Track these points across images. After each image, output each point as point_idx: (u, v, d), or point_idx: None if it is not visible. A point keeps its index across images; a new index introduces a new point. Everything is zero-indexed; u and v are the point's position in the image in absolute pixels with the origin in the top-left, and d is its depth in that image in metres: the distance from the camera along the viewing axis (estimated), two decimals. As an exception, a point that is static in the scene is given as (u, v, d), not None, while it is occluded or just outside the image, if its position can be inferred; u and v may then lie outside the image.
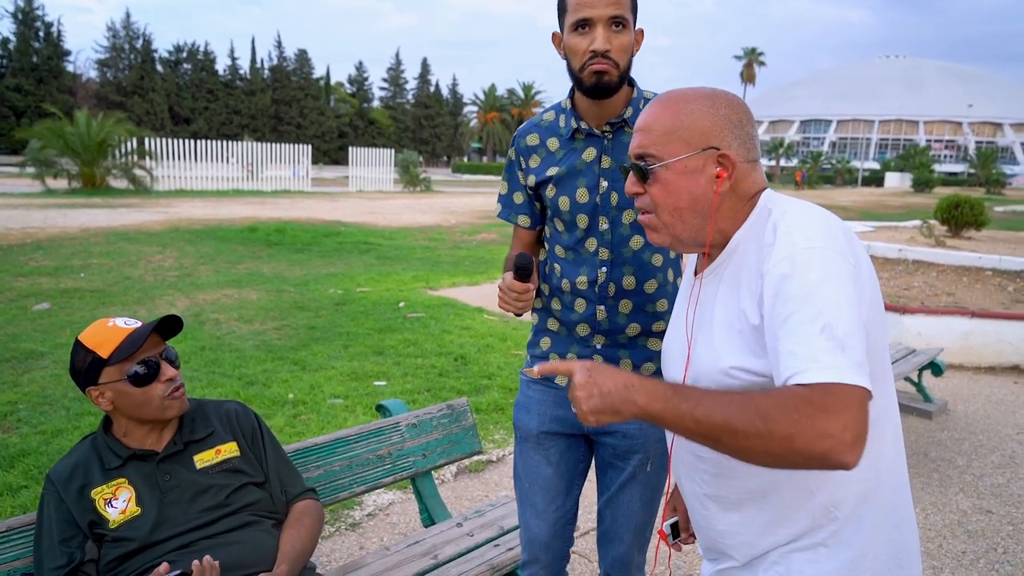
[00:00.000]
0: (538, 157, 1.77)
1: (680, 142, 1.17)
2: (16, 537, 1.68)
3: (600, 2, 1.53)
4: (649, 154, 1.19)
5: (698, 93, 1.19)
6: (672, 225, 1.20)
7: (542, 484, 1.89)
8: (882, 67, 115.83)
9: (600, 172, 1.70)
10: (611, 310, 1.74)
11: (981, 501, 3.64)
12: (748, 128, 1.19)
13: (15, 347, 5.54)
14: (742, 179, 1.18)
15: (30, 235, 10.75)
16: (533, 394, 1.88)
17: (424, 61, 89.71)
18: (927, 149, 73.25)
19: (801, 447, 0.93)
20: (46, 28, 59.99)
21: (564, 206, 1.73)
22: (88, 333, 1.67)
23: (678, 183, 1.17)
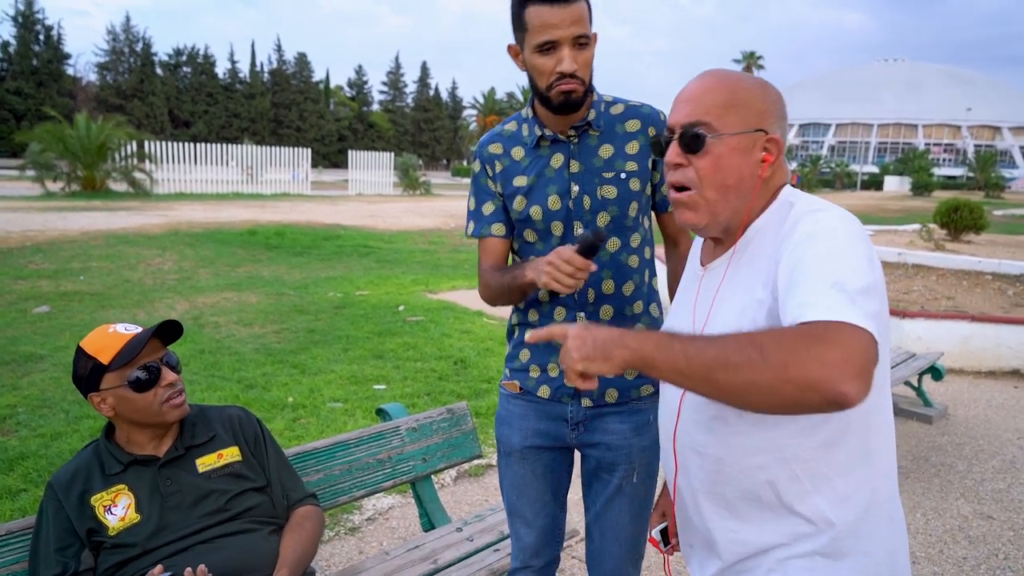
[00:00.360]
0: (501, 165, 1.74)
1: (736, 118, 1.13)
2: (15, 541, 1.67)
3: (564, 22, 1.51)
4: (704, 123, 1.13)
5: (749, 75, 1.19)
6: (715, 203, 1.16)
7: (529, 496, 1.87)
8: (881, 70, 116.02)
9: (570, 177, 1.68)
10: (591, 316, 1.72)
11: (982, 506, 3.63)
12: (786, 123, 1.19)
13: (15, 350, 5.54)
14: (778, 168, 1.17)
15: (30, 238, 10.75)
16: (515, 408, 1.85)
17: (423, 65, 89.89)
18: (926, 153, 73.35)
19: (796, 376, 0.87)
20: (46, 31, 60.08)
21: (537, 215, 1.70)
22: (89, 339, 1.67)
23: (730, 159, 1.13)
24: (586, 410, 1.76)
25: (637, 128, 1.69)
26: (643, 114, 1.70)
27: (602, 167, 1.67)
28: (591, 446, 1.80)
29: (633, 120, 1.69)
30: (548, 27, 1.51)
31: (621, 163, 1.67)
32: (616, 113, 1.70)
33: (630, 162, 1.67)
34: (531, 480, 1.86)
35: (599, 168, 1.67)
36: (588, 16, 1.55)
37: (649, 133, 1.68)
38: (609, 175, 1.66)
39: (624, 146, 1.68)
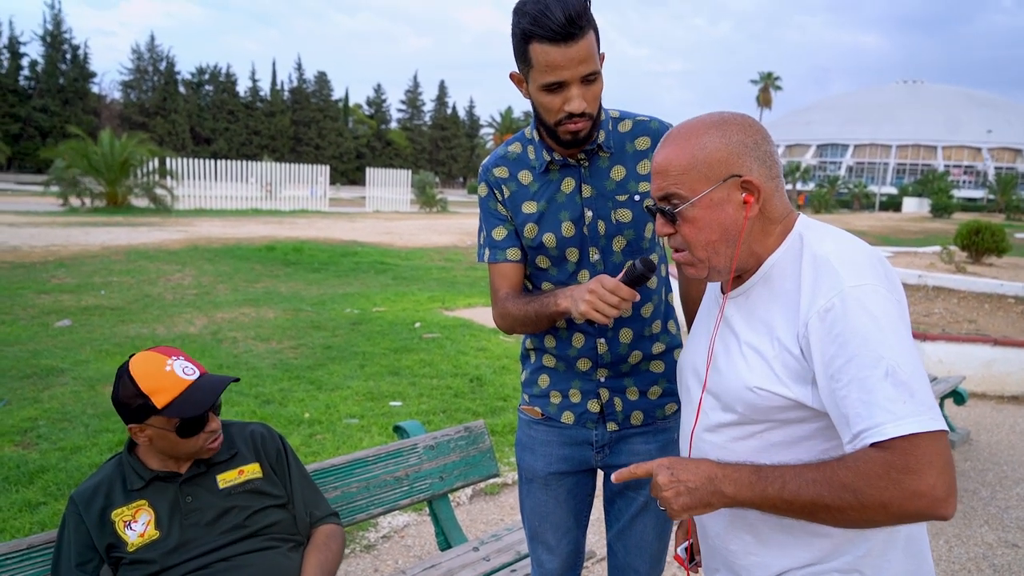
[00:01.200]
0: (509, 190, 1.69)
1: (700, 178, 1.16)
2: (36, 555, 1.68)
3: (572, 62, 1.44)
4: (673, 194, 1.18)
5: (707, 123, 1.18)
6: (707, 259, 1.20)
7: (552, 522, 1.85)
8: (899, 92, 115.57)
9: (583, 203, 1.63)
10: (612, 341, 1.69)
11: (1007, 534, 3.56)
12: (765, 147, 1.18)
13: (36, 363, 5.60)
14: (769, 200, 1.18)
15: (52, 253, 10.91)
16: (537, 434, 1.83)
17: (441, 84, 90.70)
18: (946, 174, 72.84)
19: (896, 511, 0.96)
20: (73, 51, 61.33)
21: (550, 242, 1.65)
22: (143, 372, 1.60)
23: (707, 218, 1.17)
24: (611, 433, 1.75)
25: (648, 146, 1.64)
26: (652, 130, 1.65)
27: (615, 190, 1.62)
28: (617, 467, 1.77)
29: (643, 137, 1.64)
30: (555, 68, 1.45)
31: (634, 184, 1.63)
32: (625, 131, 1.65)
33: (643, 182, 1.63)
34: (555, 507, 1.84)
35: (612, 191, 1.62)
36: (596, 46, 1.48)
37: None
38: (623, 198, 1.62)
39: (636, 166, 1.63)
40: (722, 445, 1.23)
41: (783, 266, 1.18)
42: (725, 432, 1.22)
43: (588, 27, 1.44)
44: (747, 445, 1.20)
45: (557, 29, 1.41)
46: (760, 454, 1.17)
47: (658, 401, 1.75)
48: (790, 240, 1.19)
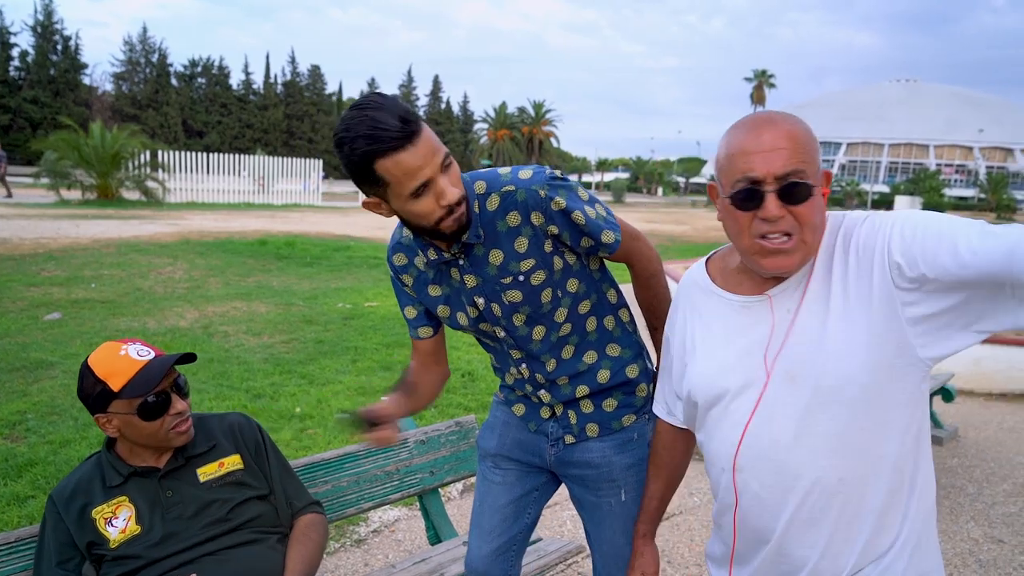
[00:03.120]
0: (411, 277, 1.68)
1: (817, 160, 1.16)
2: (23, 548, 1.68)
3: (426, 158, 1.38)
4: (800, 171, 1.12)
5: (787, 113, 1.20)
6: (811, 244, 1.17)
7: (491, 505, 1.85)
8: (892, 90, 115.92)
9: (472, 291, 1.61)
10: (552, 388, 1.70)
11: (993, 530, 3.59)
12: None
13: (25, 356, 5.57)
14: None
15: (43, 245, 10.84)
16: (500, 415, 1.87)
17: (436, 79, 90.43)
18: (937, 173, 73.16)
19: None
20: (64, 41, 60.84)
21: (463, 321, 1.67)
22: (99, 359, 1.62)
23: (820, 201, 1.17)
24: (566, 435, 1.76)
25: (519, 221, 1.52)
26: (520, 203, 1.52)
27: (497, 274, 1.57)
28: (571, 465, 1.77)
29: (512, 213, 1.52)
30: (414, 172, 1.37)
31: (515, 265, 1.55)
32: (493, 208, 1.53)
33: (524, 261, 1.55)
34: (499, 490, 1.85)
35: (495, 276, 1.57)
36: (432, 133, 1.41)
37: (533, 221, 1.52)
38: (507, 280, 1.56)
39: (512, 245, 1.54)
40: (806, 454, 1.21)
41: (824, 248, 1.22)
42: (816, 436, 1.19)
43: (419, 119, 1.39)
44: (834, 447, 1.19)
45: (397, 135, 1.34)
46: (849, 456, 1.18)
47: (614, 413, 1.73)
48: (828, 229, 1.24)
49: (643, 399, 1.75)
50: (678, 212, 39.21)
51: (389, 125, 1.34)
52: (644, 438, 1.73)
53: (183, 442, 1.70)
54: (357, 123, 1.36)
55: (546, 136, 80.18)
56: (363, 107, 1.37)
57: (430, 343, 1.78)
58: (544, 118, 79.62)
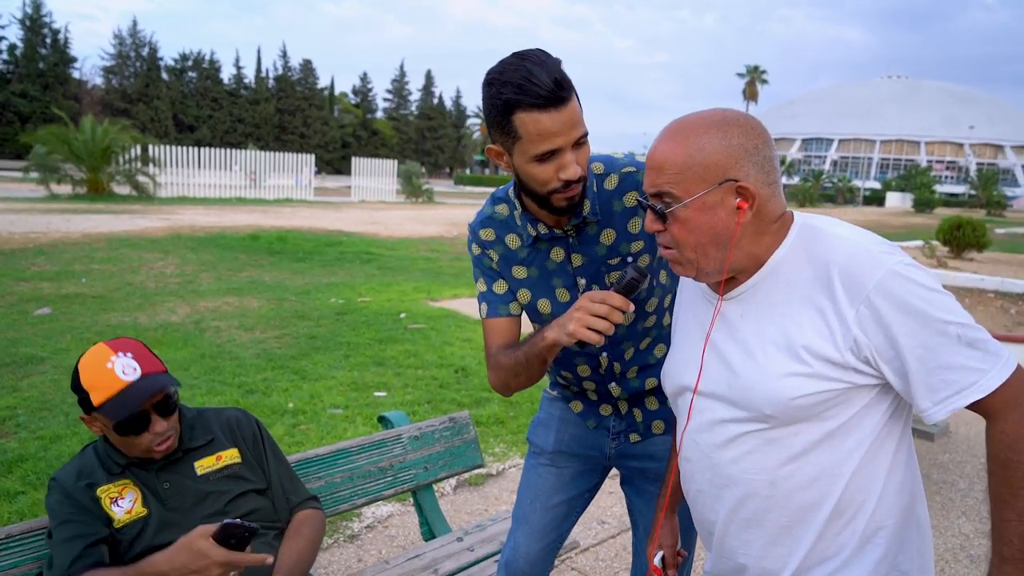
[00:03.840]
0: (497, 254, 1.63)
1: (695, 179, 1.13)
2: (15, 545, 1.66)
3: (564, 127, 1.36)
4: (665, 192, 1.15)
5: (709, 122, 1.14)
6: (696, 260, 1.18)
7: (544, 503, 1.82)
8: (883, 86, 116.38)
9: (574, 272, 1.59)
10: (622, 381, 1.69)
11: (984, 525, 3.61)
12: (765, 151, 1.15)
13: (15, 352, 5.53)
14: (764, 204, 1.16)
15: (32, 240, 10.76)
16: (555, 411, 1.83)
17: (428, 73, 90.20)
18: (928, 169, 73.59)
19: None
20: (53, 35, 60.37)
21: (545, 309, 1.63)
22: (87, 364, 1.58)
23: (698, 220, 1.14)
24: (630, 432, 1.75)
25: (636, 203, 1.54)
26: (639, 182, 1.52)
27: (606, 254, 1.57)
28: (631, 458, 1.75)
29: (630, 193, 1.54)
30: (548, 136, 1.35)
31: (626, 245, 1.56)
32: (611, 188, 1.55)
33: (635, 242, 1.56)
34: (553, 487, 1.82)
35: (603, 256, 1.57)
36: (580, 107, 1.41)
37: None
38: (615, 261, 1.56)
39: (626, 225, 1.56)
40: (736, 459, 1.20)
41: (794, 258, 1.17)
42: (747, 441, 1.19)
43: (572, 89, 1.38)
44: (768, 455, 1.17)
45: (547, 94, 1.32)
46: (782, 462, 1.17)
47: None
48: (796, 233, 1.18)
49: None
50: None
51: (542, 82, 1.32)
52: None
53: (165, 453, 1.66)
54: (513, 70, 1.34)
55: (539, 131, 79.96)
56: (524, 57, 1.35)
57: (515, 324, 1.67)
58: (537, 113, 79.41)
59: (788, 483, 1.17)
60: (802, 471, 1.16)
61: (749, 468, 1.19)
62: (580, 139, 1.40)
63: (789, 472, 1.17)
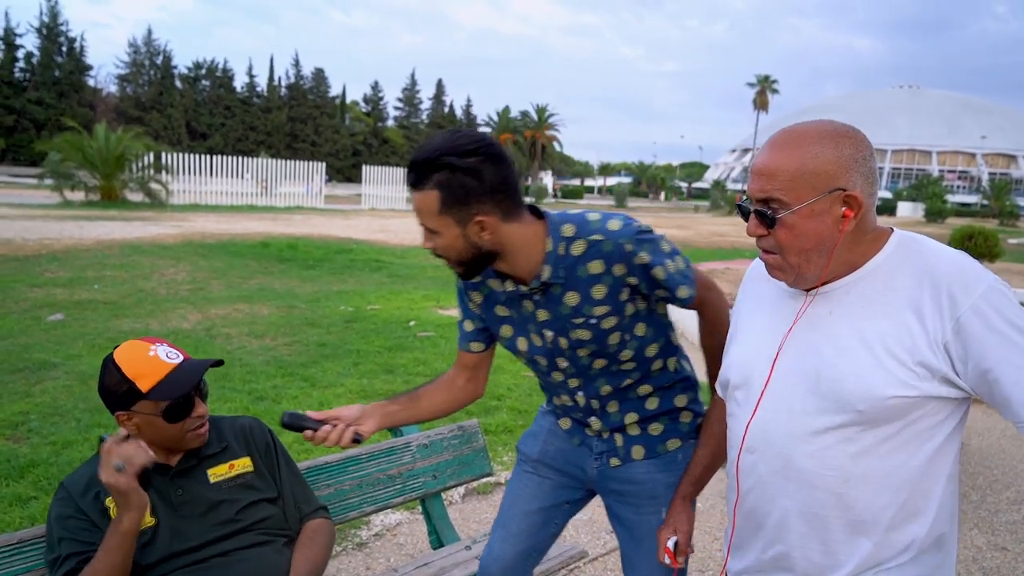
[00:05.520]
0: (480, 295, 1.71)
1: (806, 187, 1.16)
2: (27, 549, 1.68)
3: (417, 209, 1.49)
4: (774, 199, 1.18)
5: (822, 132, 1.18)
6: (798, 265, 1.22)
7: (522, 509, 1.86)
8: (894, 96, 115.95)
9: (541, 324, 1.64)
10: (603, 416, 1.73)
11: (996, 538, 3.58)
12: (871, 163, 1.19)
13: (28, 357, 5.58)
14: (867, 213, 1.19)
15: (46, 246, 10.86)
16: (546, 423, 1.88)
17: (439, 82, 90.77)
18: (940, 179, 73.13)
19: None
20: (69, 43, 61.11)
21: (523, 347, 1.70)
22: (127, 357, 1.61)
23: (805, 226, 1.18)
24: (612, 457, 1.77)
25: (601, 270, 1.55)
26: (605, 253, 1.53)
27: (570, 314, 1.60)
28: (613, 480, 1.77)
29: (595, 262, 1.54)
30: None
31: (589, 308, 1.58)
32: (577, 254, 1.55)
33: (598, 307, 1.58)
34: (533, 493, 1.85)
35: (567, 315, 1.60)
36: (440, 205, 1.44)
37: (615, 272, 1.54)
38: (579, 320, 1.59)
39: (590, 291, 1.56)
40: (814, 453, 1.21)
41: (894, 264, 1.20)
42: (828, 436, 1.20)
43: (430, 181, 1.43)
44: (846, 451, 1.19)
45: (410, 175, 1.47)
46: (858, 459, 1.19)
47: (660, 437, 1.74)
48: (897, 242, 1.22)
49: (688, 425, 1.76)
50: (681, 217, 39.24)
51: (413, 158, 1.46)
52: (688, 460, 1.74)
53: (199, 444, 1.71)
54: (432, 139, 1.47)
55: (549, 140, 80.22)
56: (445, 132, 1.50)
57: (475, 357, 1.81)
58: (547, 122, 79.70)
59: (862, 482, 1.19)
60: (877, 471, 1.19)
61: (826, 463, 1.20)
62: (424, 227, 1.49)
63: (864, 471, 1.19)
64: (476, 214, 1.46)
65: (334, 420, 1.62)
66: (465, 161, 1.42)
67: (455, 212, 1.45)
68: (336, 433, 1.60)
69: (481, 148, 1.44)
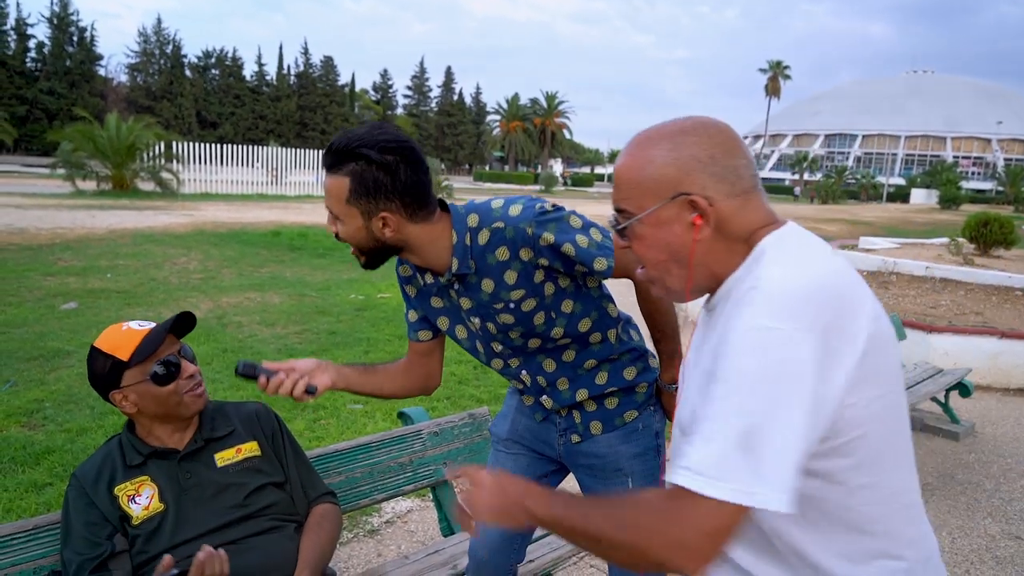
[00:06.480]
0: (413, 288, 1.75)
1: (648, 194, 1.08)
2: (44, 535, 1.69)
3: (326, 192, 1.51)
4: (622, 209, 1.12)
5: (663, 133, 1.09)
6: (661, 278, 1.14)
7: None
8: (908, 82, 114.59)
9: (467, 313, 1.66)
10: (553, 392, 1.74)
11: (1010, 526, 3.56)
12: (728, 160, 1.06)
13: (43, 345, 5.63)
14: (728, 218, 1.06)
15: (59, 235, 10.92)
16: (513, 402, 1.91)
17: (448, 70, 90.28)
18: (954, 166, 72.40)
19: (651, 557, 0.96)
20: (80, 33, 61.25)
21: (462, 334, 1.73)
22: (104, 339, 1.68)
23: (655, 237, 1.09)
24: (573, 434, 1.79)
25: (508, 256, 1.55)
26: (508, 240, 1.53)
27: (489, 300, 1.60)
28: (579, 455, 1.79)
29: (501, 248, 1.54)
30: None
31: (506, 294, 1.58)
32: (483, 243, 1.56)
33: (514, 291, 1.57)
34: (510, 470, 1.87)
35: (487, 302, 1.61)
36: (349, 192, 1.45)
37: (522, 257, 1.54)
38: (499, 306, 1.60)
39: (502, 277, 1.57)
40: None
41: (738, 286, 1.06)
42: None
43: (343, 168, 1.45)
44: None
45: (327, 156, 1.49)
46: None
47: (615, 411, 1.75)
48: (751, 259, 1.07)
49: (643, 395, 1.77)
50: (691, 204, 38.83)
51: (332, 141, 1.48)
52: (650, 428, 1.77)
53: (200, 407, 1.73)
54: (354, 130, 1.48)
55: (558, 128, 79.91)
56: (370, 123, 1.51)
57: (424, 346, 1.82)
58: (556, 109, 79.34)
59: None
60: None
61: None
62: (331, 212, 1.51)
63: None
64: (382, 210, 1.47)
65: (289, 370, 1.62)
66: (383, 157, 1.42)
67: (362, 203, 1.46)
68: (289, 382, 1.61)
69: (400, 147, 1.44)
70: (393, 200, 1.46)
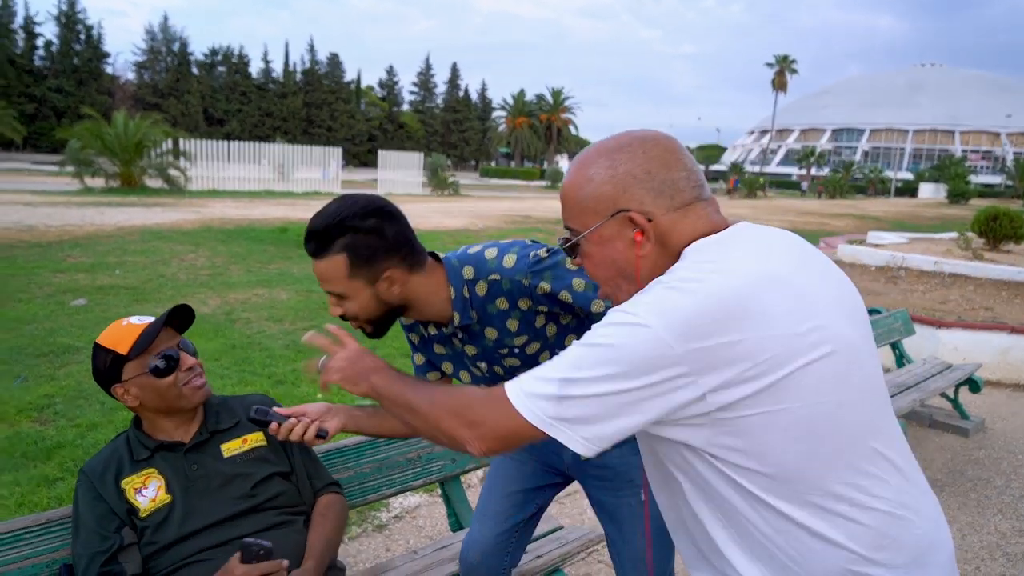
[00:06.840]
0: (416, 336, 1.78)
1: (589, 212, 1.10)
2: (55, 529, 1.70)
3: (319, 277, 1.50)
4: (568, 227, 1.14)
5: (601, 151, 1.10)
6: (614, 295, 1.15)
7: (502, 491, 1.89)
8: (916, 75, 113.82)
9: (473, 358, 1.70)
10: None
11: (1020, 523, 3.54)
12: (665, 174, 1.07)
13: (53, 341, 5.66)
14: (669, 231, 1.07)
15: (68, 232, 10.98)
16: None
17: (454, 66, 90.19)
18: (963, 160, 71.89)
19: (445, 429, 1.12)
20: (87, 31, 61.42)
21: (465, 379, 1.77)
22: (105, 335, 1.71)
23: (600, 254, 1.12)
24: None
25: (507, 307, 1.59)
26: (506, 291, 1.57)
27: (494, 346, 1.65)
28: (589, 466, 1.77)
29: (500, 299, 1.58)
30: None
31: (509, 340, 1.62)
32: (482, 294, 1.59)
33: (517, 338, 1.62)
34: (513, 478, 1.87)
35: (492, 347, 1.65)
36: (348, 267, 1.45)
37: (521, 306, 1.58)
38: (504, 351, 1.65)
39: (505, 325, 1.61)
40: None
41: None
42: None
43: (334, 247, 1.44)
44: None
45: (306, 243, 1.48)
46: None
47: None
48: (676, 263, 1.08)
49: None
50: (698, 200, 38.65)
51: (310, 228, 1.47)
52: None
53: (201, 399, 1.74)
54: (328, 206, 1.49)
55: (564, 124, 79.74)
56: (336, 199, 1.49)
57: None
58: (562, 105, 79.16)
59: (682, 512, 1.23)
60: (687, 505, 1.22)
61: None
62: (330, 293, 1.51)
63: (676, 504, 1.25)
64: (385, 270, 1.49)
65: (300, 415, 1.63)
66: (366, 222, 1.45)
67: (364, 272, 1.47)
68: (301, 427, 1.61)
69: (376, 208, 1.48)
70: (392, 257, 1.49)
